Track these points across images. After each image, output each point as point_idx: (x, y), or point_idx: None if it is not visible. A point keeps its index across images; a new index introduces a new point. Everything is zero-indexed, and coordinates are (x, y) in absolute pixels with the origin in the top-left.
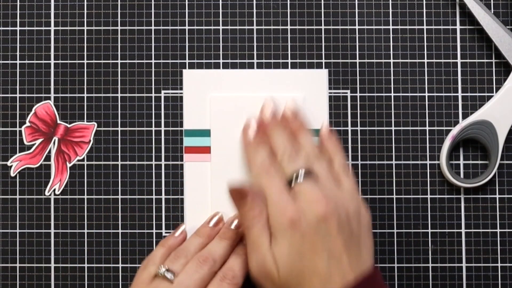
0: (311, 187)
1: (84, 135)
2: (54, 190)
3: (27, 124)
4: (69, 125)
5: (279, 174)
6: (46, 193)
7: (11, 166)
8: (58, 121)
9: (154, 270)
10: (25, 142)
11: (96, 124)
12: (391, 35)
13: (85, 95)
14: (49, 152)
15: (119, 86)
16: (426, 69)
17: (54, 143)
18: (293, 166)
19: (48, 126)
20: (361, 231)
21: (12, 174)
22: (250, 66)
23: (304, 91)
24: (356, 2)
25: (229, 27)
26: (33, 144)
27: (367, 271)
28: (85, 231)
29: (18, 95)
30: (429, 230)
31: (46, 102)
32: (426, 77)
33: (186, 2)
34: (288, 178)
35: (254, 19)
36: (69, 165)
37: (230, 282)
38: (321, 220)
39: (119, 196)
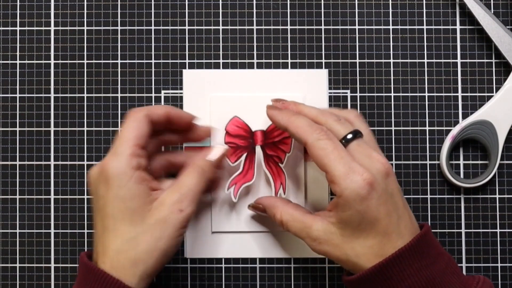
0: (367, 146)
1: (282, 132)
2: (280, 194)
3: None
4: (264, 129)
5: (335, 137)
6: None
7: (229, 192)
8: (252, 129)
9: None
10: (231, 164)
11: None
12: (391, 35)
13: (85, 95)
14: (246, 160)
15: (119, 86)
16: (426, 69)
17: (258, 152)
18: (346, 127)
19: (245, 139)
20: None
21: (235, 199)
22: (250, 66)
23: (304, 91)
24: (356, 2)
25: (229, 27)
26: (240, 162)
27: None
28: (85, 231)
29: (18, 95)
30: None
31: (233, 117)
32: (426, 77)
33: (186, 2)
34: (339, 138)
35: (254, 19)
36: (282, 165)
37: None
38: (385, 178)
39: None
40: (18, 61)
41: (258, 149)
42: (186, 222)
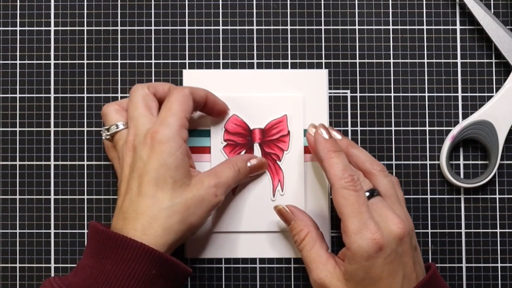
0: (390, 204)
1: (281, 129)
2: (278, 191)
3: (224, 143)
4: (263, 127)
5: (363, 190)
6: (272, 198)
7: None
8: (251, 127)
9: None
10: None
11: (286, 114)
12: (391, 35)
13: (85, 95)
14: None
15: (119, 86)
16: (426, 69)
17: (256, 149)
18: (387, 179)
19: (243, 137)
20: (416, 241)
21: (232, 195)
22: (250, 66)
23: (304, 91)
24: (356, 2)
25: (229, 27)
26: None
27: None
28: (85, 231)
29: (18, 95)
30: (429, 230)
31: (231, 115)
32: (426, 77)
33: (186, 2)
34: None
35: (254, 19)
36: (279, 163)
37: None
38: (398, 240)
39: None
40: (18, 61)
41: (257, 147)
42: (214, 209)
